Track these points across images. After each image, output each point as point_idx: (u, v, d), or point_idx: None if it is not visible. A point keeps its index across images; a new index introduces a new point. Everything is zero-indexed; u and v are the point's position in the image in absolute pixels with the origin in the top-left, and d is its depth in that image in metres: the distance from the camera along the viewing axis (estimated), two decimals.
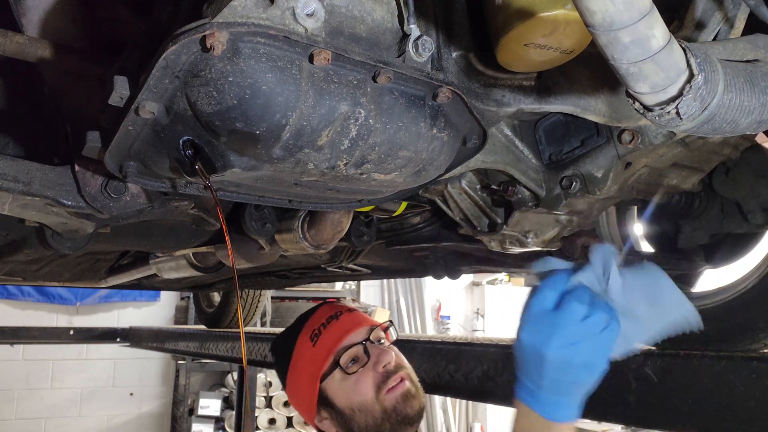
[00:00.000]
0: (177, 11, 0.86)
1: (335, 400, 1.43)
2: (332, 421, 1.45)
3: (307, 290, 6.81)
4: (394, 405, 1.39)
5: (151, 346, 4.85)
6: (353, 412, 1.40)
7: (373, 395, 1.39)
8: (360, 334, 1.46)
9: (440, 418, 7.17)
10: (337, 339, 1.44)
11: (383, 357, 1.42)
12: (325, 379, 1.43)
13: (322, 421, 1.47)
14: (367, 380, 1.40)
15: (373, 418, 1.39)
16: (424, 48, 0.79)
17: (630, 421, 1.47)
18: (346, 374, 1.41)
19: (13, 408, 5.96)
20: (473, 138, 0.95)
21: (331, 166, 0.83)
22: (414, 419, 1.41)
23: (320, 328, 1.48)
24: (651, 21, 0.56)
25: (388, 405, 1.38)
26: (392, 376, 1.41)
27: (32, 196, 1.00)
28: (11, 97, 1.14)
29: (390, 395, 1.39)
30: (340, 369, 1.41)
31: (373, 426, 1.39)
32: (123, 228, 1.45)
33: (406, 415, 1.39)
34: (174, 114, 0.77)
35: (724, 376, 1.25)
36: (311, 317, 1.55)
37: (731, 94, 0.62)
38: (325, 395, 1.44)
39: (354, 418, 1.40)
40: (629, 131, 1.03)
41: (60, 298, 6.14)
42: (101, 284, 2.60)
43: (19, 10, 0.96)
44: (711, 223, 1.52)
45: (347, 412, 1.41)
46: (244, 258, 1.61)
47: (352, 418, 1.41)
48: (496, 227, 1.24)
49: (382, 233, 1.77)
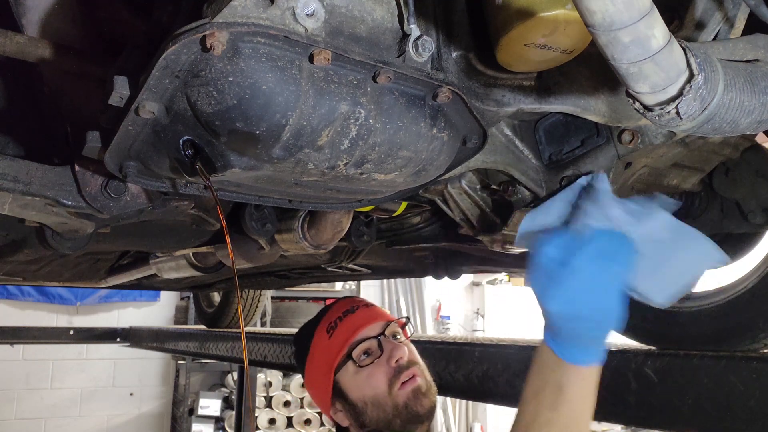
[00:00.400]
0: (177, 11, 0.86)
1: (349, 392, 1.46)
2: (346, 414, 1.48)
3: (307, 290, 6.81)
4: (405, 402, 1.40)
5: (151, 346, 4.85)
6: (366, 406, 1.43)
7: (385, 390, 1.41)
8: (375, 328, 1.49)
9: (440, 418, 7.17)
10: (352, 332, 1.47)
11: (396, 351, 1.44)
12: (339, 371, 1.46)
13: (336, 413, 1.50)
14: (380, 374, 1.42)
15: (384, 413, 1.41)
16: (424, 48, 0.79)
17: (630, 421, 1.47)
18: (358, 367, 1.44)
19: (13, 408, 5.96)
20: (473, 138, 0.95)
21: (331, 166, 0.83)
22: (424, 417, 1.43)
23: (336, 321, 1.52)
24: (651, 21, 0.56)
25: (400, 401, 1.40)
26: (404, 371, 1.43)
27: (32, 196, 1.00)
28: (11, 97, 1.14)
29: (402, 391, 1.41)
30: (352, 361, 1.44)
31: (384, 421, 1.41)
32: (123, 228, 1.45)
33: (417, 412, 1.41)
34: (174, 114, 0.77)
35: (724, 376, 1.25)
36: (329, 311, 1.59)
37: (731, 94, 0.62)
38: (339, 387, 1.47)
39: (366, 411, 1.43)
40: (629, 131, 1.03)
41: (60, 298, 6.13)
42: (101, 284, 2.60)
43: (19, 10, 0.96)
44: (711, 223, 1.52)
45: (360, 405, 1.44)
46: (244, 258, 1.61)
47: (365, 411, 1.43)
48: (496, 227, 1.24)
49: (382, 233, 1.77)
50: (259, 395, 6.25)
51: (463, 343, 1.99)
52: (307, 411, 6.44)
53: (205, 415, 6.16)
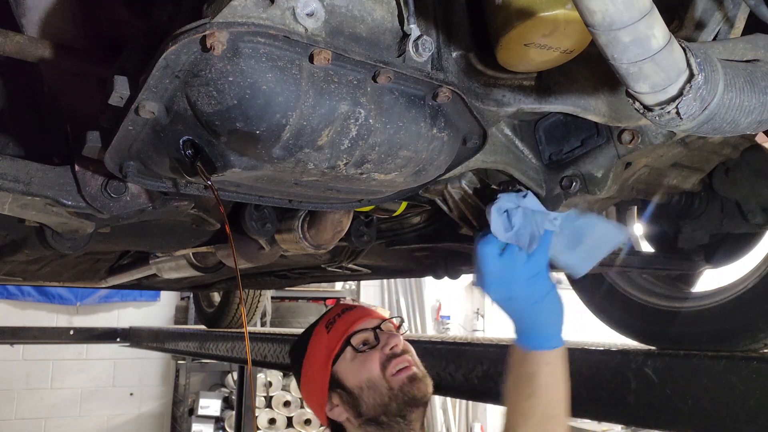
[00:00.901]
0: (177, 11, 0.86)
1: (345, 380, 1.48)
2: (343, 405, 1.49)
3: (307, 290, 6.81)
4: (401, 385, 1.44)
5: (151, 346, 4.85)
6: (361, 390, 1.45)
7: (379, 372, 1.45)
8: (372, 322, 1.55)
9: (440, 418, 7.17)
10: (350, 324, 1.53)
11: (391, 340, 1.49)
12: (337, 361, 1.50)
13: (333, 409, 1.51)
14: (374, 358, 1.47)
15: (381, 396, 1.44)
16: (424, 48, 0.79)
17: (630, 421, 1.47)
18: (355, 352, 1.48)
19: (13, 408, 5.96)
20: (473, 138, 0.95)
21: (331, 165, 0.83)
22: (420, 401, 1.46)
23: (335, 317, 1.58)
24: (651, 21, 0.56)
25: (395, 385, 1.44)
26: (398, 357, 1.47)
27: (32, 196, 1.00)
28: (11, 97, 1.14)
29: (397, 377, 1.44)
30: (351, 348, 1.48)
31: (381, 405, 1.44)
32: (123, 228, 1.45)
33: (413, 396, 1.44)
34: (174, 114, 0.77)
35: (724, 376, 1.25)
36: (327, 312, 1.66)
37: (731, 93, 0.62)
38: (337, 377, 1.50)
39: (362, 396, 1.45)
40: (629, 131, 1.03)
41: (60, 298, 6.14)
42: (101, 284, 2.60)
43: (19, 10, 0.96)
44: (711, 223, 1.52)
45: (356, 392, 1.46)
46: (245, 258, 1.61)
47: (361, 396, 1.45)
48: None
49: (382, 233, 1.77)
50: (259, 395, 6.25)
51: (463, 343, 1.99)
52: (307, 411, 6.44)
53: (205, 415, 6.17)
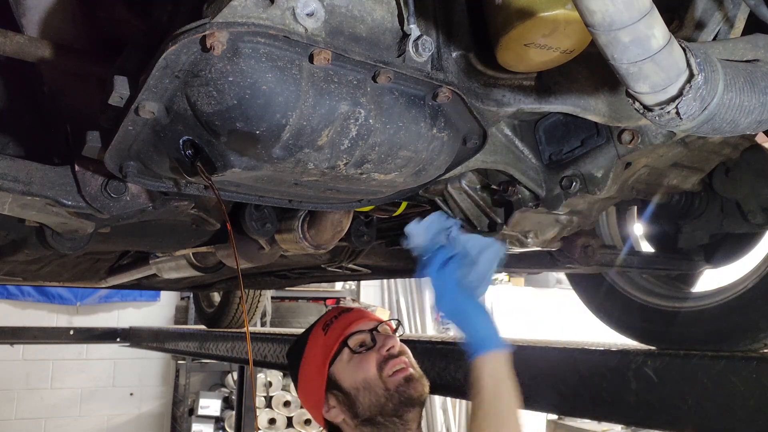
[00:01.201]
0: (177, 11, 0.86)
1: (342, 381, 1.48)
2: (339, 407, 1.49)
3: (307, 290, 6.80)
4: (397, 386, 1.44)
5: (151, 346, 4.85)
6: (358, 391, 1.45)
7: (375, 372, 1.45)
8: (369, 324, 1.55)
9: (440, 418, 7.16)
10: (347, 325, 1.53)
11: (388, 341, 1.49)
12: (334, 363, 1.50)
13: (329, 411, 1.51)
14: (371, 359, 1.47)
15: (377, 397, 1.43)
16: (424, 48, 0.79)
17: (630, 421, 1.47)
18: (352, 354, 1.48)
19: (13, 408, 5.96)
20: (473, 138, 0.95)
21: (331, 165, 0.83)
22: (416, 401, 1.46)
23: (332, 319, 1.58)
24: (651, 21, 0.56)
25: (391, 385, 1.44)
26: (394, 358, 1.47)
27: (32, 196, 1.00)
28: (11, 97, 1.14)
29: (394, 378, 1.44)
30: (347, 349, 1.48)
31: (377, 405, 1.43)
32: (123, 228, 1.45)
33: (410, 396, 1.44)
34: (174, 114, 0.77)
35: (724, 376, 1.25)
36: (324, 315, 1.66)
37: (731, 93, 0.62)
38: (333, 379, 1.49)
39: (359, 397, 1.45)
40: (629, 131, 1.03)
41: (60, 298, 6.13)
42: (101, 284, 2.60)
43: (19, 10, 0.96)
44: (711, 223, 1.52)
45: (352, 393, 1.46)
46: (245, 258, 1.61)
47: (357, 397, 1.45)
48: (496, 227, 1.24)
49: (382, 233, 1.77)
50: (259, 395, 6.24)
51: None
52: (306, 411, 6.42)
53: (205, 415, 6.16)
